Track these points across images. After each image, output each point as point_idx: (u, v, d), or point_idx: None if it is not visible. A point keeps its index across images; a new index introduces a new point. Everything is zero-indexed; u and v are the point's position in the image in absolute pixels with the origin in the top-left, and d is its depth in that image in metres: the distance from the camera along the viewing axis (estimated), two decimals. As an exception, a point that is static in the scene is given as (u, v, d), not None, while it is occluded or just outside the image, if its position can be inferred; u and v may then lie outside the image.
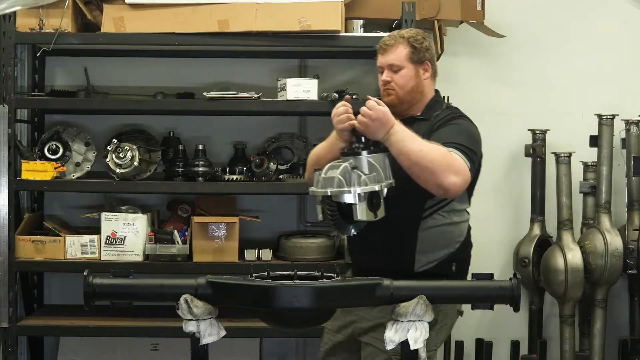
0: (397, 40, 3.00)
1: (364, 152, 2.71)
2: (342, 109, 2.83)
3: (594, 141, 4.45)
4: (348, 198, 2.65)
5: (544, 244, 4.51)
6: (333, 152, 2.89)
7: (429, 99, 3.05)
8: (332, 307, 2.60)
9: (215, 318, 2.54)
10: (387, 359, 2.90)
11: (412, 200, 2.88)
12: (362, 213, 2.66)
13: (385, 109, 2.75)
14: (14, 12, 3.95)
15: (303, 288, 2.44)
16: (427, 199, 2.90)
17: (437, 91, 3.12)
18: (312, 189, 2.73)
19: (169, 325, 4.02)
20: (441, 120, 2.96)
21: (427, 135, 2.88)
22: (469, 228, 3.15)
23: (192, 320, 2.49)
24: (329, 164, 2.72)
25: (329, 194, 2.66)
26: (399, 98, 2.99)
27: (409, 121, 2.95)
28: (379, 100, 2.79)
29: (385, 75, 3.01)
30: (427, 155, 2.73)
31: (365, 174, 2.67)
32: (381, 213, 2.71)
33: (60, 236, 4.14)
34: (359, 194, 2.65)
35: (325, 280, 2.49)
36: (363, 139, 2.75)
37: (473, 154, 2.86)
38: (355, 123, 2.77)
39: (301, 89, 4.05)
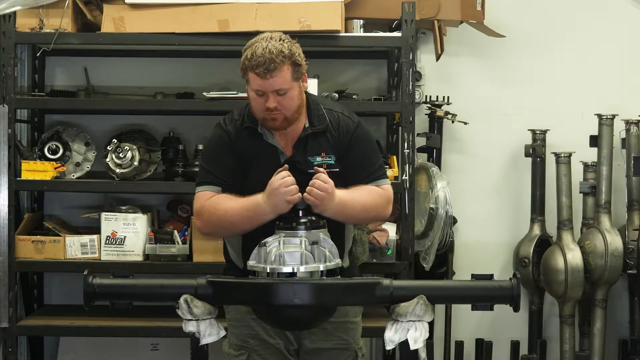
0: (280, 61, 2.71)
1: (316, 229, 2.62)
2: (290, 179, 2.65)
3: (594, 141, 4.45)
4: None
5: (544, 244, 4.51)
6: (257, 221, 2.70)
7: (304, 104, 2.87)
8: (332, 305, 2.60)
9: (215, 318, 2.54)
10: None
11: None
12: None
13: (329, 185, 2.70)
14: (14, 12, 3.95)
15: (303, 285, 2.44)
16: None
17: (305, 90, 2.91)
18: (255, 264, 2.55)
19: (169, 325, 4.02)
20: (348, 136, 2.88)
21: (338, 150, 2.85)
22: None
23: (192, 320, 2.50)
24: (272, 240, 2.55)
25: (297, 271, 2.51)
26: (287, 120, 2.80)
27: (308, 137, 2.85)
28: (322, 170, 2.74)
29: (271, 102, 2.74)
30: (367, 209, 2.84)
31: (325, 248, 2.57)
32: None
33: (60, 236, 4.14)
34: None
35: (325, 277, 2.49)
36: (301, 212, 2.64)
37: (382, 163, 3.00)
38: (310, 198, 2.65)
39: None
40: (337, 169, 2.85)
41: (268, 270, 2.46)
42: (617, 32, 4.66)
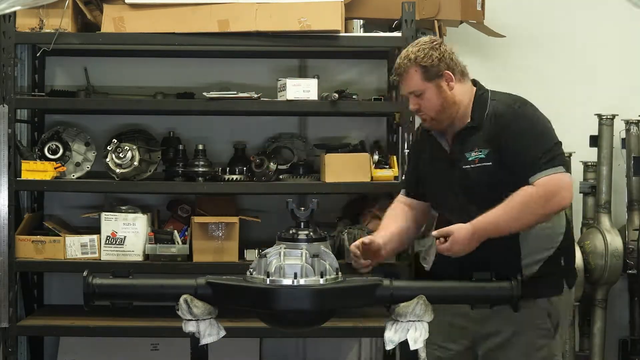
0: (406, 65, 2.86)
1: (317, 242, 2.61)
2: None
3: (594, 141, 4.45)
4: None
5: (544, 244, 4.51)
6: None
7: (470, 101, 2.91)
8: (332, 308, 2.60)
9: (215, 318, 2.54)
10: None
11: None
12: None
13: (455, 235, 2.72)
14: (14, 12, 3.95)
15: (303, 289, 2.44)
16: None
17: (475, 84, 3.00)
18: (255, 274, 2.57)
19: (169, 325, 4.02)
20: (500, 121, 2.83)
21: (489, 141, 2.82)
22: (566, 214, 2.99)
23: (191, 320, 2.50)
24: (274, 251, 2.57)
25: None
26: (435, 119, 2.89)
27: (465, 132, 2.88)
28: (450, 231, 2.74)
29: (412, 104, 2.91)
30: (520, 218, 2.72)
31: (325, 261, 2.56)
32: None
33: (60, 236, 4.14)
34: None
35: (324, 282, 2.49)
36: (303, 224, 2.62)
37: (554, 147, 2.79)
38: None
39: (301, 89, 4.05)
40: (489, 163, 2.81)
41: (268, 282, 2.45)
42: (617, 32, 4.66)
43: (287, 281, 2.45)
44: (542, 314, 2.87)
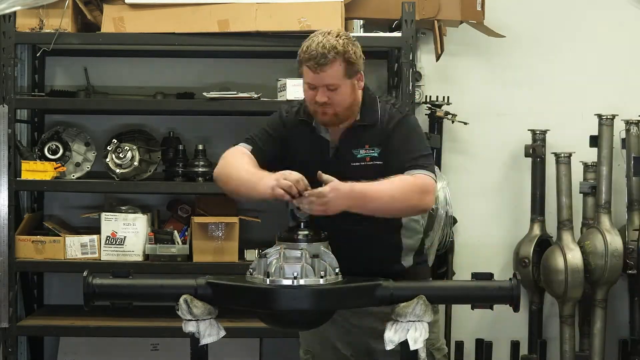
0: (332, 56, 2.72)
1: (317, 242, 2.60)
2: (295, 175, 2.62)
3: (594, 141, 4.45)
4: None
5: (544, 244, 4.51)
6: (249, 191, 2.72)
7: (360, 99, 2.88)
8: (332, 309, 2.61)
9: (215, 318, 2.54)
10: None
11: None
12: None
13: (333, 184, 2.60)
14: (14, 12, 3.95)
15: (303, 290, 2.44)
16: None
17: (365, 86, 2.91)
18: (255, 275, 2.57)
19: (169, 325, 4.02)
20: (392, 124, 2.83)
21: (382, 142, 2.82)
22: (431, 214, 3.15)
23: (191, 320, 2.50)
24: (274, 251, 2.56)
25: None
26: (337, 116, 2.81)
27: (354, 129, 2.85)
28: (327, 178, 2.63)
29: (321, 97, 2.76)
30: (395, 200, 2.69)
31: (325, 261, 2.56)
32: None
33: (60, 236, 4.14)
34: None
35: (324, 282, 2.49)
36: (303, 225, 2.61)
37: (429, 156, 2.86)
38: (303, 206, 2.60)
39: (301, 89, 4.03)
40: (381, 162, 2.82)
41: (267, 282, 2.45)
42: (617, 32, 4.66)
43: (287, 281, 2.45)
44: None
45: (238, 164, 2.83)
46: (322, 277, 2.48)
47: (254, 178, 2.72)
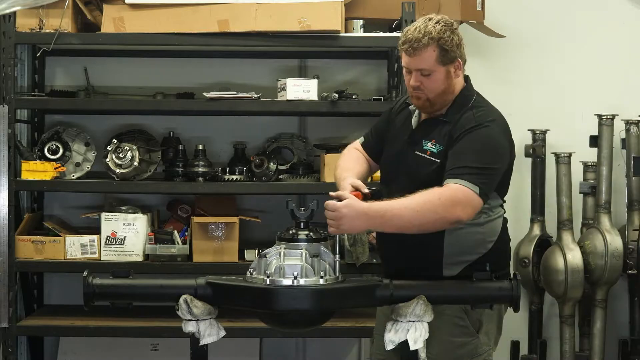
0: (426, 42, 2.74)
1: (317, 242, 2.60)
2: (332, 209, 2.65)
3: (594, 141, 4.45)
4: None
5: (544, 244, 4.51)
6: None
7: (457, 94, 2.87)
8: (332, 309, 2.61)
9: (215, 318, 2.54)
10: None
11: None
12: None
13: (348, 202, 2.61)
14: (14, 12, 3.95)
15: (302, 290, 2.44)
16: None
17: (466, 80, 2.94)
18: (255, 275, 2.56)
19: (169, 325, 4.02)
20: (460, 130, 2.77)
21: (445, 141, 2.77)
22: (505, 222, 2.93)
23: (191, 320, 2.50)
24: (272, 250, 2.58)
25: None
26: (430, 101, 2.81)
27: (434, 121, 2.85)
28: (341, 195, 2.66)
29: (414, 80, 2.78)
30: (419, 213, 2.61)
31: (325, 261, 2.56)
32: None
33: (60, 236, 4.14)
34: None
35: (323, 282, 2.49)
36: (303, 225, 2.61)
37: (488, 170, 2.70)
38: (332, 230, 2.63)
39: (301, 89, 4.05)
40: (438, 160, 2.77)
41: (267, 282, 2.45)
42: (617, 32, 4.66)
43: (287, 281, 2.45)
44: (459, 311, 2.80)
45: (340, 161, 3.06)
46: (322, 277, 2.48)
47: (338, 179, 2.92)
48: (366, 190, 2.78)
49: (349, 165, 2.98)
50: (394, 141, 2.95)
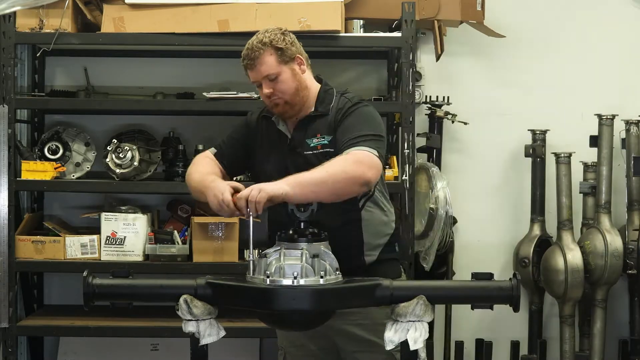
0: (260, 49, 2.86)
1: (317, 242, 2.60)
2: (227, 197, 2.70)
3: (594, 141, 4.45)
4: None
5: (544, 244, 4.51)
6: (203, 197, 2.82)
7: (316, 91, 2.98)
8: (332, 309, 2.60)
9: (215, 318, 2.54)
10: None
11: (346, 202, 2.82)
12: None
13: (258, 186, 2.63)
14: (14, 12, 3.95)
15: (302, 290, 2.44)
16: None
17: (321, 80, 3.05)
18: (255, 275, 2.56)
19: (169, 325, 4.02)
20: (341, 112, 2.90)
21: (332, 130, 2.88)
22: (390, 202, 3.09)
23: (191, 320, 2.50)
24: (273, 251, 2.57)
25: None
26: (289, 103, 2.90)
27: (308, 120, 2.93)
28: (236, 186, 2.72)
29: (266, 88, 2.88)
30: (334, 172, 2.69)
31: (325, 261, 2.55)
32: None
33: (60, 236, 4.14)
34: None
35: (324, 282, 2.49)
36: (302, 225, 2.61)
37: (378, 137, 2.84)
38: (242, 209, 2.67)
39: (301, 89, 4.04)
40: (332, 149, 2.85)
41: (267, 282, 2.45)
42: (617, 32, 4.66)
43: (287, 281, 2.45)
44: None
45: (196, 168, 3.00)
46: (322, 277, 2.48)
47: (203, 187, 2.84)
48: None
49: (209, 170, 2.96)
50: (269, 154, 2.97)
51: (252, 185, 2.66)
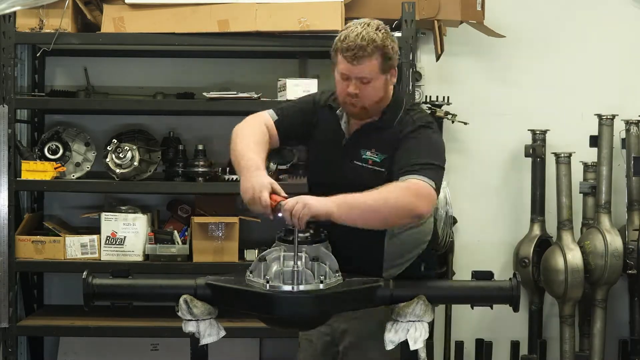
0: (370, 50, 2.68)
1: (317, 243, 2.57)
2: (265, 198, 2.60)
3: (594, 141, 4.45)
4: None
5: (544, 244, 4.51)
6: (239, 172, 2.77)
7: (389, 100, 2.83)
8: (333, 312, 2.60)
9: (215, 318, 2.54)
10: None
11: None
12: None
13: (304, 200, 2.54)
14: (14, 12, 3.95)
15: (302, 296, 2.42)
16: None
17: (395, 89, 2.90)
18: (254, 278, 2.54)
19: (169, 325, 4.02)
20: (403, 133, 2.75)
21: (388, 149, 2.75)
22: (435, 222, 2.98)
23: (191, 320, 2.50)
24: (272, 253, 2.54)
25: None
26: (365, 109, 2.77)
27: (369, 128, 2.81)
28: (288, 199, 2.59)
29: (353, 88, 2.72)
30: (388, 201, 2.57)
31: (325, 264, 2.53)
32: None
33: (60, 236, 4.14)
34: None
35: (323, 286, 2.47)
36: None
37: (438, 168, 2.71)
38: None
39: (301, 89, 4.04)
40: (382, 169, 2.75)
41: (267, 287, 2.44)
42: (617, 32, 4.66)
43: (286, 287, 2.44)
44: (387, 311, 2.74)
45: (243, 134, 2.91)
46: (321, 281, 2.46)
47: (243, 167, 2.77)
48: (285, 195, 2.66)
49: (255, 147, 2.82)
50: (324, 145, 2.87)
51: (298, 198, 2.55)
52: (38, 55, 4.29)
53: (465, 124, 4.51)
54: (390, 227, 2.72)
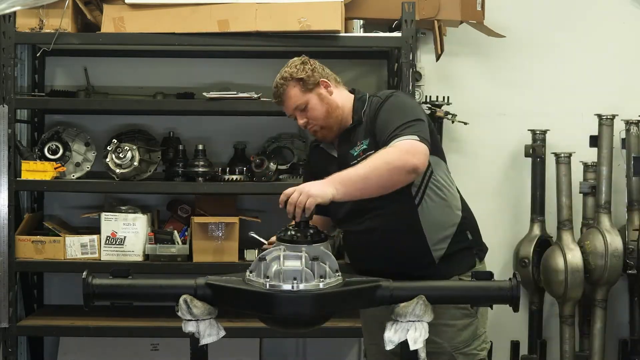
0: (283, 85, 2.96)
1: (317, 243, 2.59)
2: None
3: (594, 141, 4.45)
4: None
5: (544, 244, 4.51)
6: None
7: (350, 105, 3.00)
8: (333, 312, 2.60)
9: (215, 318, 2.54)
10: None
11: (397, 193, 2.77)
12: None
13: (306, 190, 2.63)
14: (14, 12, 3.95)
15: (302, 295, 2.43)
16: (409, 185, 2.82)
17: (353, 90, 3.06)
18: (254, 278, 2.54)
19: (169, 325, 4.03)
20: (372, 112, 2.90)
21: (369, 133, 2.88)
22: (459, 192, 3.05)
23: (191, 320, 2.50)
24: (272, 252, 2.55)
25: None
26: (325, 126, 2.97)
27: (347, 133, 2.96)
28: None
29: (300, 119, 2.98)
30: (376, 165, 2.68)
31: (325, 264, 2.54)
32: None
33: (60, 236, 4.14)
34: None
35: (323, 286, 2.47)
36: (302, 225, 2.62)
37: (415, 122, 2.79)
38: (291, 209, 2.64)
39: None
40: (373, 151, 2.82)
41: (267, 287, 2.45)
42: (616, 32, 4.66)
43: (286, 286, 2.44)
44: None
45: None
46: (321, 281, 2.46)
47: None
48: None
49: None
50: (327, 173, 2.88)
51: (297, 187, 2.66)
52: (38, 55, 4.29)
53: (465, 124, 4.51)
54: (391, 188, 2.75)
